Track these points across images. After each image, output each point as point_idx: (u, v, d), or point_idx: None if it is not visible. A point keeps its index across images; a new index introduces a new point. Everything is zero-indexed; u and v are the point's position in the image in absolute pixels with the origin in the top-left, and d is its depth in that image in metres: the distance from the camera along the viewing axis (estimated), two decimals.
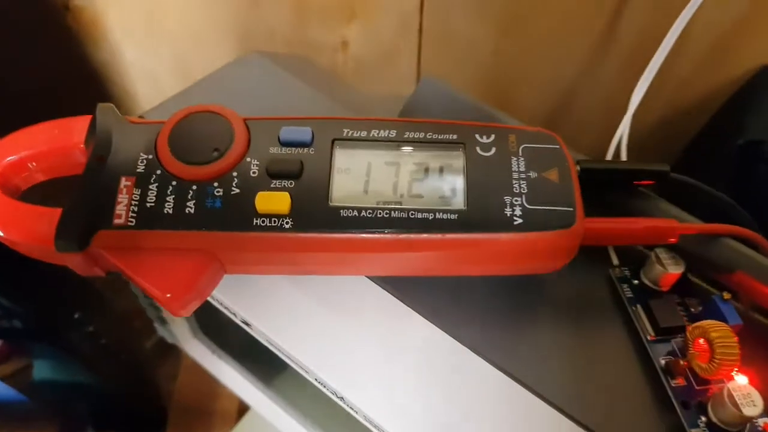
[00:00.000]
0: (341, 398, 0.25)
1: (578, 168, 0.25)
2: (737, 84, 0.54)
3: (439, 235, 0.23)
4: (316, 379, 0.25)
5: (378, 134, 0.24)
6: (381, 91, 0.55)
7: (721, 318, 0.25)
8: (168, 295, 0.22)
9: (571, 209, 0.23)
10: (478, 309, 0.26)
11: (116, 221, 0.22)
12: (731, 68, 0.54)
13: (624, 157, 0.28)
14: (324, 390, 0.25)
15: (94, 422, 0.56)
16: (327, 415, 0.37)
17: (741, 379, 0.23)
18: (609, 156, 0.28)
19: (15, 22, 0.48)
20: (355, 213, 0.23)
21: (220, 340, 0.40)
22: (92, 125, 0.25)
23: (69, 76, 0.54)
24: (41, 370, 0.48)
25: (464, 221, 0.23)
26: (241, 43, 0.53)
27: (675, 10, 0.47)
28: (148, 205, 0.23)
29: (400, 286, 0.26)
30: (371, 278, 0.26)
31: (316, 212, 0.23)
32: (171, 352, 0.52)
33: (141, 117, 0.30)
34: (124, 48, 0.53)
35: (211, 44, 0.52)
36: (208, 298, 0.25)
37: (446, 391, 0.24)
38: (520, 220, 0.23)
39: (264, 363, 0.32)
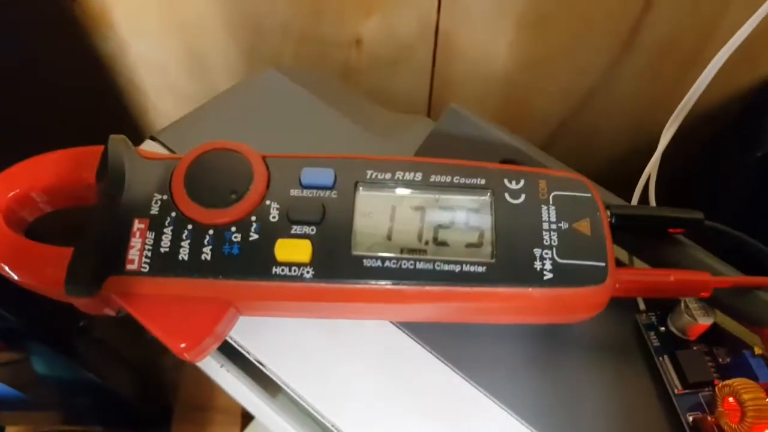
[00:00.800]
0: None
1: (609, 214, 0.24)
2: (754, 92, 0.53)
3: (466, 288, 0.22)
4: (332, 425, 0.24)
5: (403, 177, 0.23)
6: (397, 92, 0.54)
7: (751, 374, 0.24)
8: (182, 345, 0.21)
9: (603, 264, 0.22)
10: (497, 353, 0.25)
11: (129, 267, 0.22)
12: (748, 76, 0.53)
13: (653, 199, 0.27)
14: None
15: (98, 418, 0.56)
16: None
17: None
18: (636, 195, 0.27)
19: (20, 13, 0.46)
20: (379, 263, 0.22)
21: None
22: (103, 158, 0.23)
23: (75, 68, 0.52)
24: (43, 366, 0.47)
25: (492, 274, 0.22)
26: (253, 37, 0.51)
27: (699, 21, 0.45)
28: (162, 250, 0.22)
29: (417, 329, 0.25)
30: (391, 322, 0.25)
31: (338, 261, 0.22)
32: None
33: (154, 138, 0.29)
34: (132, 40, 0.51)
35: (221, 36, 0.51)
36: None
37: None
38: (550, 275, 0.22)
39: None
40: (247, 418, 0.56)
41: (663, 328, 0.26)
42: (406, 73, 0.53)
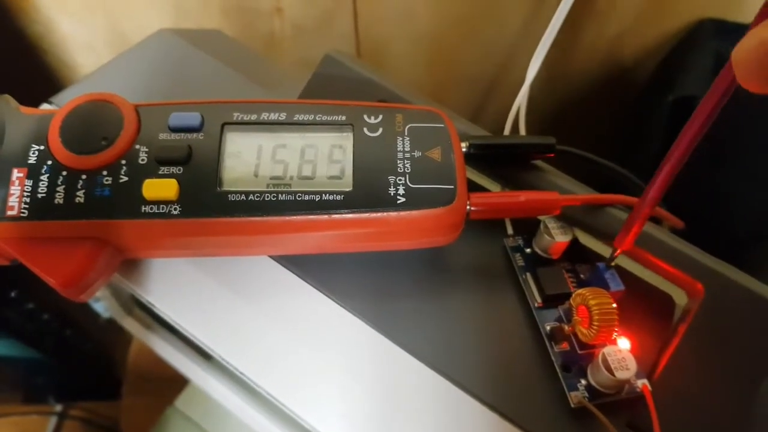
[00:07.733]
0: (247, 377, 0.26)
1: (467, 144, 0.26)
2: (674, 40, 0.55)
3: (325, 216, 0.23)
4: (221, 358, 0.26)
5: (268, 117, 0.25)
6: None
7: (604, 284, 0.26)
8: (62, 283, 0.23)
9: (452, 187, 0.24)
10: (373, 280, 0.27)
11: (9, 213, 0.23)
12: (667, 24, 0.54)
13: (522, 128, 0.29)
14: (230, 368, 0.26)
15: (55, 393, 0.58)
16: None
17: (622, 343, 0.25)
18: (508, 125, 0.29)
19: None
20: (243, 197, 0.23)
21: (156, 315, 0.40)
22: None
23: (3, 49, 0.53)
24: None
25: (350, 201, 0.24)
26: (176, 12, 0.52)
27: None
28: (39, 195, 0.23)
29: (300, 263, 0.27)
30: (271, 256, 0.27)
31: (204, 198, 0.23)
32: None
33: (50, 102, 0.30)
34: (59, 19, 0.52)
35: (145, 13, 0.52)
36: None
37: (346, 365, 0.25)
38: (403, 199, 0.23)
39: None
40: None
41: (528, 250, 0.27)
42: (331, 39, 0.54)
